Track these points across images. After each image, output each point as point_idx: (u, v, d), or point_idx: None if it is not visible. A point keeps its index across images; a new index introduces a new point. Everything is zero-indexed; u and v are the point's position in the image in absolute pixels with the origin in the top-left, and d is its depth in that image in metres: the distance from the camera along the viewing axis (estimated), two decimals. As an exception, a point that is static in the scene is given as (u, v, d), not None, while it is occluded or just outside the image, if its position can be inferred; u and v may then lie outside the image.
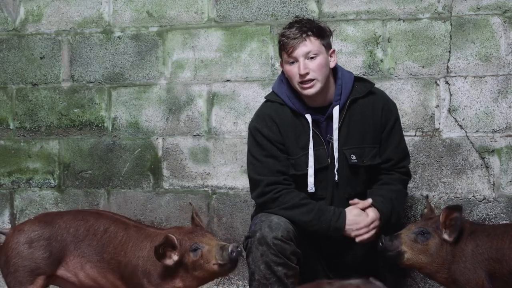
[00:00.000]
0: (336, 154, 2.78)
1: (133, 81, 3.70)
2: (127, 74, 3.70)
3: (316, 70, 2.72)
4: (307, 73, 2.71)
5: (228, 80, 3.57)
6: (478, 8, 3.28)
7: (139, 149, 3.69)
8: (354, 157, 2.79)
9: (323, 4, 3.43)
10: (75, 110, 3.78)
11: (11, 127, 3.86)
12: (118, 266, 2.76)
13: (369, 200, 2.75)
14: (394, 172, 2.89)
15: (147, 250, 2.72)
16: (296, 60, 2.73)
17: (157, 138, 3.67)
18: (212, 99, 3.59)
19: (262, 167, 2.79)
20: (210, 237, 2.71)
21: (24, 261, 2.78)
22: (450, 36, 3.32)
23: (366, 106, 2.83)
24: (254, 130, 2.85)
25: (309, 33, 2.73)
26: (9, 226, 3.84)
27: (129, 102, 3.70)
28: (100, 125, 3.74)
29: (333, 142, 2.78)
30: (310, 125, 2.77)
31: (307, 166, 2.78)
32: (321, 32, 2.77)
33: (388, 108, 2.88)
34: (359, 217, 2.71)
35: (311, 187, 2.78)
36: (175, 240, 2.62)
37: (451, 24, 3.32)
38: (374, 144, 2.83)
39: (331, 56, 2.80)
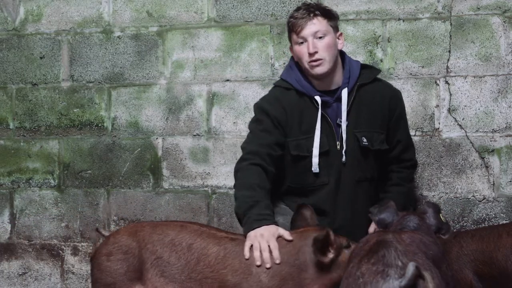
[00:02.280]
0: (344, 136, 2.80)
1: (133, 81, 3.70)
2: (127, 74, 3.70)
3: (324, 50, 2.76)
4: (316, 52, 2.75)
5: (228, 80, 3.57)
6: (478, 8, 3.28)
7: (139, 149, 3.69)
8: (365, 140, 2.83)
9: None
10: (75, 110, 3.78)
11: (11, 127, 3.86)
12: (220, 285, 2.45)
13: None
14: (403, 169, 2.95)
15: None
16: (305, 40, 2.78)
17: (157, 138, 3.67)
18: (212, 99, 3.59)
19: (253, 138, 2.80)
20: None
21: (101, 274, 2.59)
22: (450, 36, 3.32)
23: (374, 93, 2.87)
24: (256, 107, 2.90)
25: (317, 12, 2.79)
26: (9, 226, 3.85)
27: (129, 102, 3.70)
28: (100, 125, 3.74)
29: (342, 125, 2.81)
30: (319, 106, 2.80)
31: (308, 150, 2.80)
32: (328, 13, 2.83)
33: (396, 96, 2.95)
34: (260, 238, 2.47)
35: (315, 168, 2.80)
36: (332, 236, 2.36)
37: (451, 24, 3.32)
38: (382, 130, 2.88)
39: (338, 39, 2.85)
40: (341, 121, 2.81)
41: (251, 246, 2.46)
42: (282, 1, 3.50)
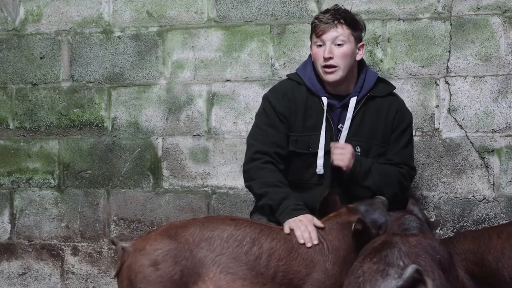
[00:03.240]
0: (342, 142, 2.80)
1: (133, 81, 3.70)
2: (127, 74, 3.70)
3: (340, 57, 2.76)
4: (331, 58, 2.75)
5: (228, 80, 3.57)
6: (478, 8, 3.28)
7: (139, 149, 3.69)
8: (359, 149, 2.82)
9: (323, 4, 3.43)
10: (75, 110, 3.78)
11: (11, 127, 3.86)
12: (290, 277, 2.38)
13: (346, 148, 2.74)
14: (395, 166, 2.88)
15: (327, 252, 2.46)
16: (323, 44, 2.78)
17: (157, 138, 3.67)
18: (212, 99, 3.59)
19: (261, 134, 2.83)
20: None
21: (151, 285, 2.33)
22: (450, 36, 3.32)
23: (383, 107, 2.87)
24: (264, 99, 2.91)
25: (342, 20, 2.78)
26: (9, 226, 3.85)
27: (129, 102, 3.70)
28: (100, 125, 3.74)
29: (342, 131, 2.81)
30: (325, 107, 2.80)
31: (309, 147, 2.81)
32: (354, 23, 2.81)
33: (403, 112, 2.91)
34: (300, 223, 2.53)
35: (320, 169, 2.80)
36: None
37: (451, 24, 3.32)
38: (383, 144, 2.86)
39: (359, 49, 2.83)
40: (342, 127, 2.82)
41: (291, 230, 2.51)
42: (282, 1, 3.50)
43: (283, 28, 3.50)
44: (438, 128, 3.33)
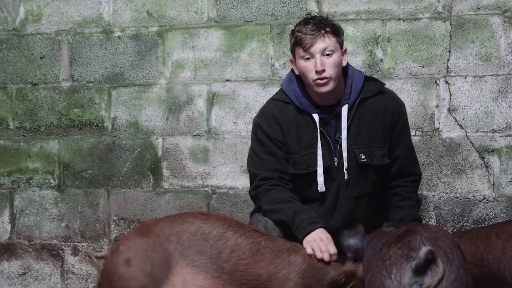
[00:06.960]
0: (344, 153, 2.77)
1: (133, 81, 3.70)
2: (127, 74, 3.70)
3: (331, 68, 2.71)
4: (324, 70, 2.70)
5: (228, 80, 3.57)
6: (478, 8, 3.29)
7: (139, 149, 3.69)
8: (363, 157, 2.78)
9: (323, 4, 3.43)
10: (75, 110, 3.78)
11: (11, 127, 3.86)
12: (249, 278, 2.41)
13: None
14: (408, 183, 2.89)
15: (299, 263, 2.45)
16: (312, 56, 2.72)
17: (157, 138, 3.67)
18: (212, 99, 3.59)
19: (261, 163, 2.81)
20: None
21: (126, 283, 2.39)
22: (450, 36, 3.32)
23: (377, 106, 2.82)
24: (256, 126, 2.86)
25: (327, 29, 2.73)
26: (9, 226, 3.85)
27: (129, 102, 3.70)
28: (100, 125, 3.74)
29: (341, 141, 2.77)
30: (318, 124, 2.76)
31: (308, 166, 2.77)
32: (336, 30, 2.78)
33: (400, 109, 2.88)
34: (320, 242, 2.53)
35: (321, 187, 2.78)
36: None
37: (451, 24, 3.32)
38: (383, 144, 2.82)
39: (343, 55, 2.80)
40: (339, 137, 2.78)
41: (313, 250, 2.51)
42: (282, 1, 3.50)
43: (283, 28, 3.50)
44: (438, 128, 3.33)
